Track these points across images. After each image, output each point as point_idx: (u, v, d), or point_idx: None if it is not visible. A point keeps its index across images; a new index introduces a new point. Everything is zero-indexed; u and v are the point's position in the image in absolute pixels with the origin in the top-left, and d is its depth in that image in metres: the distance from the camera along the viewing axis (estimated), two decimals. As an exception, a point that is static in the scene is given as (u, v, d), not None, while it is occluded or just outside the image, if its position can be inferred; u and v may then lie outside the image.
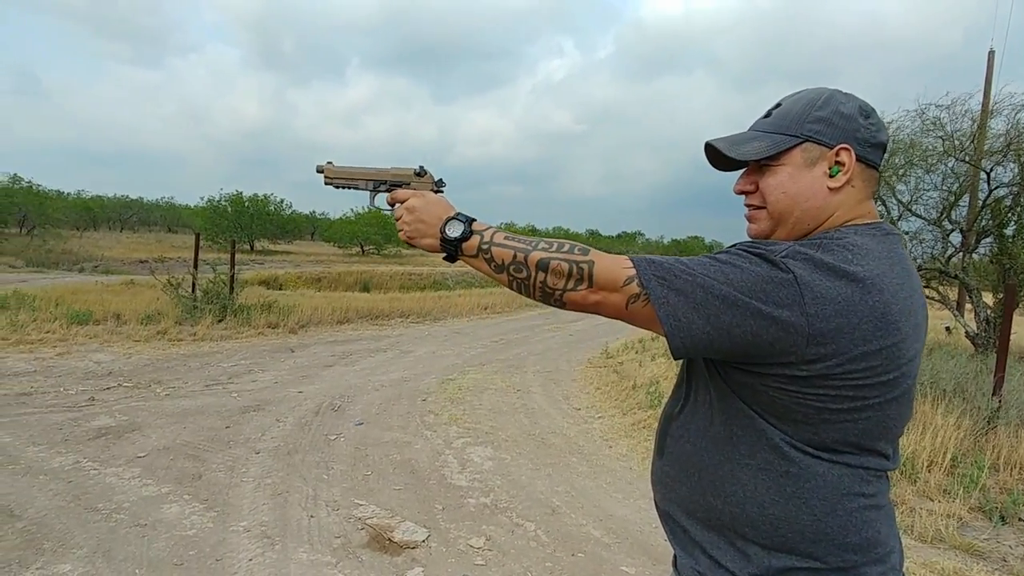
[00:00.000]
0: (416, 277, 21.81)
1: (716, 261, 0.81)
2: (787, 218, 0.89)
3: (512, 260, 0.89)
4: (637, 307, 0.83)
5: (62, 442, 3.78)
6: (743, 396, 0.85)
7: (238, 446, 3.93)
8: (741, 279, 0.78)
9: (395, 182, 1.10)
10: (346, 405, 5.09)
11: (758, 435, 0.84)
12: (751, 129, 0.95)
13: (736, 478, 0.86)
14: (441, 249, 0.97)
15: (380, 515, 3.07)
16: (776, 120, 0.91)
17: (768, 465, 0.83)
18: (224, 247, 22.72)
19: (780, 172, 0.89)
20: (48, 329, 7.02)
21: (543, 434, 4.67)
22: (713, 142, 0.94)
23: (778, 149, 0.88)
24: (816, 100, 0.89)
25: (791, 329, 0.75)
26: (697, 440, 0.91)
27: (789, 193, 0.88)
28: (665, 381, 6.24)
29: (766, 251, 0.80)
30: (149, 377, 5.59)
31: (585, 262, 0.85)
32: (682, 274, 0.80)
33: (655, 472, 1.02)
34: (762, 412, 0.83)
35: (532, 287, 0.89)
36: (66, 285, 11.11)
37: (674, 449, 0.96)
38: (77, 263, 18.78)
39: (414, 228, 1.01)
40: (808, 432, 0.81)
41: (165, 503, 3.05)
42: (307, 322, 9.11)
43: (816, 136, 0.87)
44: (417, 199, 1.03)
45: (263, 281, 15.91)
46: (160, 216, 47.45)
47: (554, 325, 11.44)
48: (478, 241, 0.94)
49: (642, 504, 3.47)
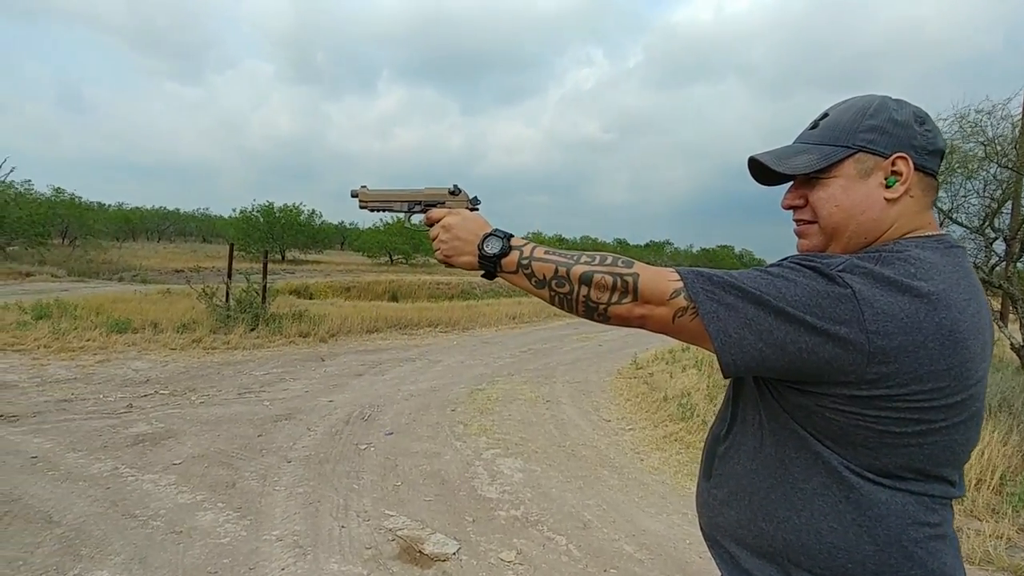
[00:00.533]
0: (444, 287, 21.91)
1: (768, 274, 0.77)
2: (841, 232, 0.85)
3: (554, 275, 0.87)
4: (684, 321, 0.80)
5: (101, 448, 3.86)
6: (796, 417, 0.80)
7: (270, 454, 3.96)
8: (795, 294, 0.74)
9: (430, 202, 1.09)
10: (376, 415, 5.11)
11: (813, 458, 0.79)
12: (797, 141, 0.92)
13: (790, 503, 0.81)
14: (479, 266, 0.96)
15: (410, 526, 3.06)
16: (824, 131, 0.87)
17: (825, 490, 0.79)
18: (256, 257, 23.18)
19: (832, 185, 0.85)
20: (89, 337, 7.22)
21: (573, 446, 4.61)
22: (758, 156, 0.91)
23: (829, 161, 0.84)
24: (867, 108, 0.85)
25: (850, 347, 0.71)
26: (746, 462, 0.87)
27: (843, 206, 0.84)
28: (697, 393, 6.13)
29: (821, 264, 0.76)
30: (184, 385, 5.69)
31: (629, 275, 0.82)
32: (732, 287, 0.77)
33: (701, 495, 0.98)
34: (817, 435, 0.79)
35: (575, 302, 0.86)
36: (106, 294, 11.43)
37: (722, 471, 0.92)
38: (116, 273, 19.34)
39: (451, 246, 0.99)
40: (868, 457, 0.77)
41: (200, 510, 3.08)
42: (337, 331, 9.21)
43: (870, 146, 0.83)
44: (453, 217, 1.01)
45: (294, 290, 16.15)
46: (195, 227, 48.72)
47: (583, 335, 11.36)
48: (517, 257, 0.91)
49: (675, 520, 3.39)
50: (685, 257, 70.05)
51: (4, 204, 18.03)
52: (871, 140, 0.83)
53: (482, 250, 0.94)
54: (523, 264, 0.90)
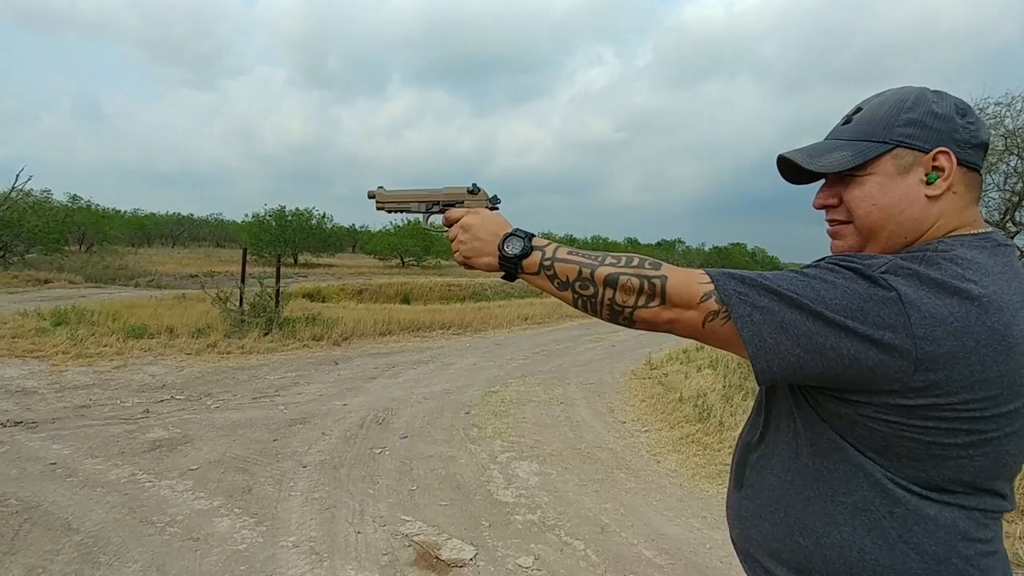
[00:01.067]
0: (456, 288, 21.92)
1: (804, 276, 0.73)
2: (879, 232, 0.81)
3: (577, 276, 0.84)
4: (715, 326, 0.76)
5: (119, 454, 3.88)
6: (836, 427, 0.76)
7: (286, 459, 3.96)
8: (835, 296, 0.70)
9: (448, 202, 1.06)
10: (390, 418, 5.10)
11: (855, 470, 0.75)
12: (830, 137, 0.87)
13: (830, 517, 0.77)
14: (500, 268, 0.93)
15: (427, 532, 3.04)
16: (859, 126, 0.83)
17: (868, 504, 0.74)
18: (269, 261, 23.34)
19: (868, 183, 0.81)
20: (106, 343, 7.28)
21: (589, 448, 4.57)
22: (788, 155, 0.87)
23: (865, 158, 0.80)
24: (904, 101, 0.80)
25: (895, 353, 0.67)
26: (781, 473, 0.83)
27: (880, 205, 0.80)
28: (713, 393, 6.06)
29: (862, 266, 0.72)
30: (200, 390, 5.72)
31: (657, 277, 0.79)
32: (766, 290, 0.73)
33: (732, 506, 0.94)
34: (859, 445, 0.74)
35: (599, 305, 0.83)
36: (122, 300, 11.54)
37: (755, 482, 0.88)
38: (132, 278, 19.54)
39: (470, 247, 0.96)
40: (914, 469, 0.72)
41: (216, 516, 3.08)
42: (350, 334, 9.23)
43: (909, 140, 0.78)
44: (472, 216, 0.98)
45: (307, 294, 16.23)
46: (209, 232, 49.22)
47: (595, 336, 11.30)
48: (539, 257, 0.88)
49: (695, 523, 3.34)
50: (697, 255, 69.63)
51: (22, 212, 18.29)
52: (910, 134, 0.78)
53: (502, 251, 0.91)
54: (545, 265, 0.87)
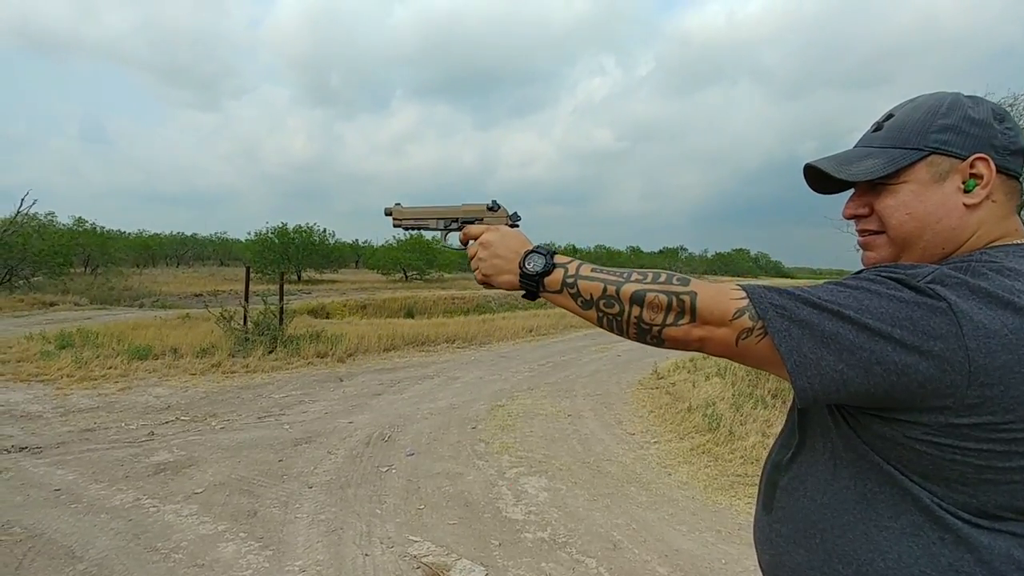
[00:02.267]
0: (460, 301, 21.90)
1: (845, 287, 0.70)
2: (914, 243, 0.77)
3: (602, 294, 0.80)
4: (750, 343, 0.72)
5: (123, 479, 3.84)
6: (879, 449, 0.71)
7: (291, 480, 3.92)
8: (880, 307, 0.66)
9: (467, 219, 1.04)
10: (396, 435, 5.05)
11: (901, 494, 0.70)
12: (860, 145, 0.84)
13: (873, 544, 0.72)
14: (521, 286, 0.89)
15: (436, 552, 2.98)
16: (891, 133, 0.80)
17: (916, 530, 0.69)
18: (272, 278, 23.38)
19: (902, 191, 0.77)
20: (110, 365, 7.26)
21: (598, 462, 4.51)
22: (817, 163, 0.84)
23: (898, 165, 0.77)
24: (938, 107, 0.77)
25: (947, 366, 0.63)
26: (816, 496, 0.78)
27: (916, 214, 0.76)
28: (722, 402, 6.00)
29: (907, 275, 0.68)
30: (205, 410, 5.68)
31: (686, 293, 0.75)
32: (805, 301, 0.69)
33: (761, 530, 0.89)
34: (904, 469, 0.70)
35: (625, 323, 0.79)
36: (127, 321, 11.55)
37: (787, 505, 0.83)
38: (137, 299, 19.59)
39: (490, 265, 0.93)
40: (964, 495, 0.67)
41: (221, 541, 3.03)
42: (355, 351, 9.19)
43: (944, 147, 0.75)
44: (491, 233, 0.95)
45: (310, 310, 16.22)
46: (213, 251, 49.41)
47: (601, 346, 11.23)
48: (562, 275, 0.85)
49: (708, 538, 3.27)
50: (700, 263, 69.53)
51: (28, 236, 18.38)
52: (946, 141, 0.75)
53: (523, 268, 0.88)
54: (568, 283, 0.84)
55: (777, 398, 6.09)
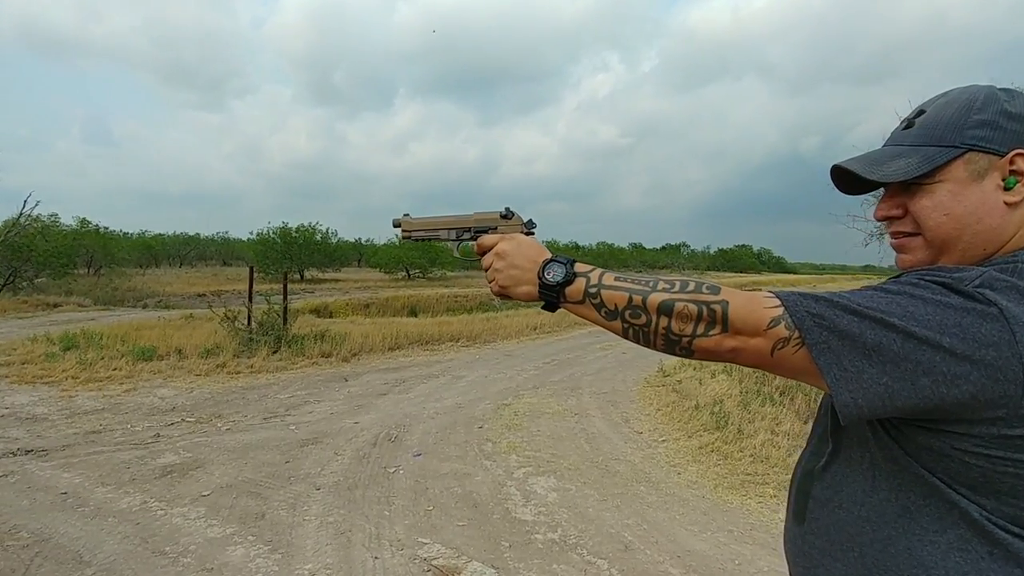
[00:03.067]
0: (462, 299, 21.89)
1: (886, 292, 0.66)
2: (953, 244, 0.74)
3: (627, 304, 0.76)
4: (786, 354, 0.68)
5: (130, 481, 3.82)
6: (924, 461, 0.68)
7: (299, 482, 3.89)
8: (927, 313, 0.62)
9: (480, 228, 1.00)
10: (403, 435, 5.03)
11: (947, 507, 0.67)
12: (889, 143, 0.80)
13: (916, 559, 0.68)
14: (540, 297, 0.85)
15: (446, 555, 2.96)
16: (924, 130, 0.76)
17: (964, 544, 0.66)
18: (275, 278, 23.37)
19: (938, 191, 0.74)
20: (115, 366, 7.24)
21: (606, 461, 4.48)
22: (845, 164, 0.80)
23: (933, 164, 0.73)
24: (973, 102, 0.74)
25: (1000, 375, 0.59)
26: (854, 508, 0.75)
27: (954, 215, 0.73)
28: (729, 400, 5.96)
29: (952, 279, 0.65)
30: (210, 411, 5.66)
31: (717, 302, 0.71)
32: (844, 309, 0.65)
33: (793, 541, 0.86)
34: (950, 481, 0.66)
35: (653, 335, 0.75)
36: (131, 322, 11.54)
37: (821, 516, 0.79)
38: (140, 300, 19.61)
39: (507, 276, 0.89)
40: (1014, 508, 0.64)
41: (230, 545, 3.01)
42: (359, 350, 9.17)
43: (982, 144, 0.71)
44: (507, 243, 0.91)
45: (314, 310, 16.21)
46: (215, 251, 49.46)
47: (605, 344, 11.20)
48: (584, 284, 0.81)
49: (720, 538, 3.24)
50: (703, 259, 69.43)
51: (31, 237, 18.38)
52: (983, 137, 0.71)
53: (543, 279, 0.84)
54: (591, 293, 0.80)
55: (785, 395, 6.05)
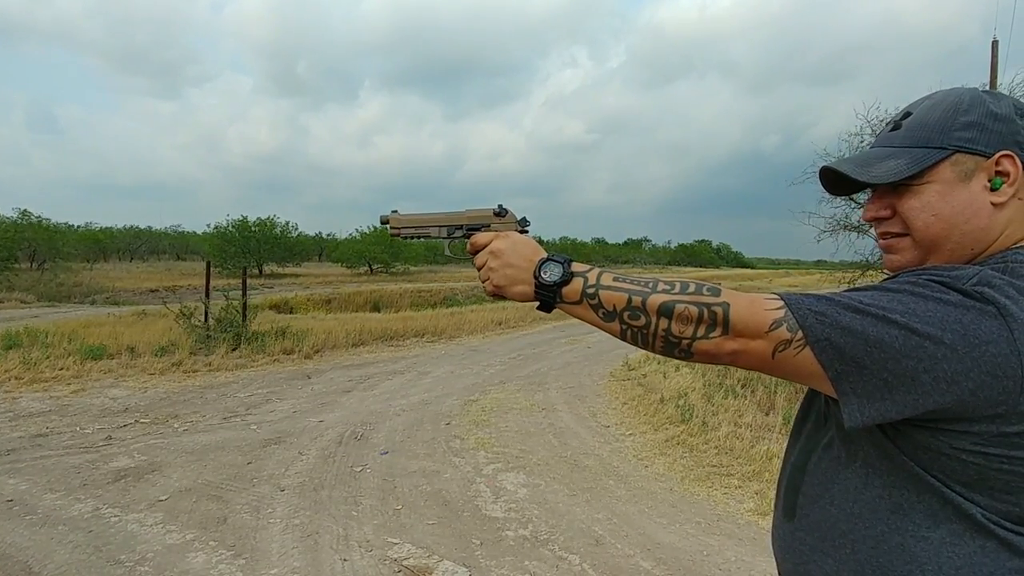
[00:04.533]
0: (426, 294, 21.72)
1: (887, 291, 0.66)
2: (942, 245, 0.74)
3: (627, 305, 0.75)
4: (787, 356, 0.68)
5: (80, 487, 3.65)
6: (920, 460, 0.68)
7: (262, 483, 3.78)
8: (927, 310, 0.62)
9: (473, 225, 0.97)
10: (369, 433, 4.94)
11: (940, 504, 0.68)
12: (877, 145, 0.81)
13: (910, 555, 0.69)
14: (536, 297, 0.83)
15: (416, 555, 2.91)
16: (911, 132, 0.77)
17: (956, 539, 0.67)
18: (233, 273, 22.72)
19: (926, 192, 0.74)
20: (62, 366, 6.91)
21: (575, 456, 4.49)
22: (835, 165, 0.80)
23: (922, 165, 0.74)
24: (959, 103, 0.74)
25: (1000, 372, 0.60)
26: (845, 504, 0.74)
27: (942, 215, 0.73)
28: (693, 393, 6.06)
29: (949, 278, 0.65)
30: (166, 412, 5.46)
31: (718, 304, 0.70)
32: (846, 307, 0.65)
33: (782, 537, 0.85)
34: (945, 479, 0.67)
35: (652, 337, 0.74)
36: (78, 319, 11.05)
37: (811, 512, 0.79)
38: (88, 295, 18.80)
39: (502, 275, 0.86)
40: (1006, 504, 0.65)
41: (190, 551, 2.90)
42: (322, 347, 8.99)
43: (968, 145, 0.72)
44: (502, 241, 0.88)
45: (273, 305, 15.84)
46: (168, 244, 47.81)
47: (570, 338, 11.27)
48: (581, 285, 0.79)
49: (689, 529, 3.29)
50: (664, 253, 70.62)
51: (-34, 230, 17.42)
52: (969, 138, 0.72)
53: (539, 278, 0.82)
54: (588, 293, 0.78)
55: (746, 388, 6.19)
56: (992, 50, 10.74)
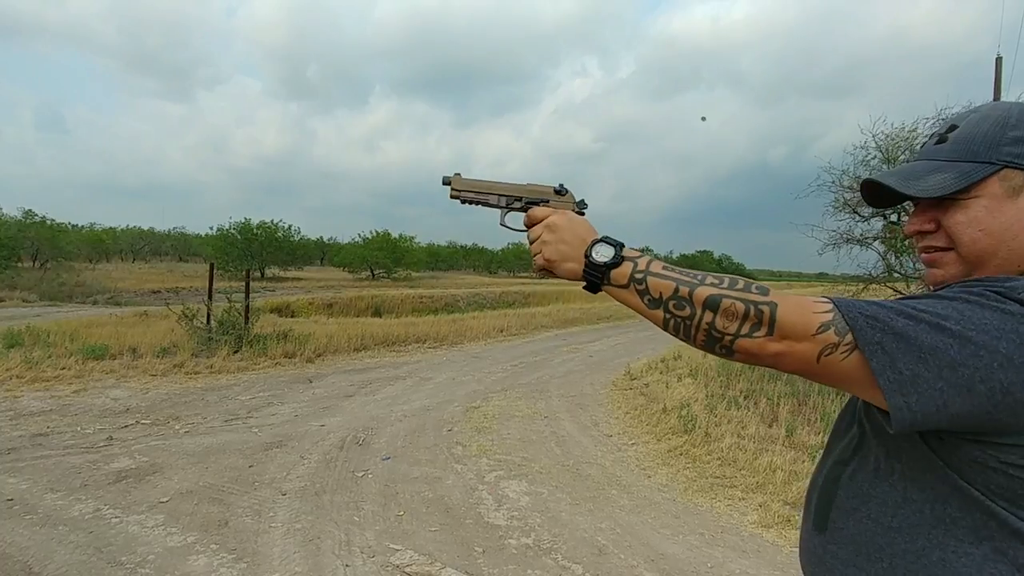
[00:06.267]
0: (427, 300, 21.69)
1: (941, 298, 0.65)
2: (988, 260, 0.73)
3: (673, 294, 0.74)
4: (833, 360, 0.67)
5: (81, 487, 3.63)
6: (965, 473, 0.67)
7: (263, 487, 3.76)
8: (983, 318, 0.61)
9: (531, 199, 0.97)
10: (370, 438, 4.93)
11: (985, 519, 0.66)
12: (922, 158, 0.80)
13: (952, 570, 0.68)
14: (584, 277, 0.83)
15: (419, 561, 2.89)
16: (957, 145, 0.76)
17: (1000, 556, 0.66)
18: (234, 275, 22.73)
19: (973, 207, 0.73)
20: (63, 365, 6.91)
21: (577, 464, 4.47)
22: (879, 178, 0.80)
23: (969, 180, 0.73)
24: (1007, 118, 0.74)
25: None
26: (883, 518, 0.73)
27: (990, 230, 0.72)
28: (696, 403, 6.04)
29: (1005, 288, 0.64)
30: (167, 413, 5.44)
31: (766, 303, 0.69)
32: (899, 312, 0.64)
33: (812, 550, 0.84)
34: (990, 494, 0.66)
35: (694, 328, 0.73)
36: (80, 318, 11.05)
37: (845, 526, 0.78)
38: (90, 295, 18.81)
39: (555, 249, 0.86)
40: None
41: (192, 554, 2.88)
42: (323, 351, 8.97)
43: (1017, 160, 0.72)
44: (559, 216, 0.89)
45: (275, 308, 15.82)
46: (171, 246, 47.88)
47: (572, 346, 11.25)
48: (630, 269, 0.78)
49: (692, 541, 3.26)
50: (664, 262, 70.50)
51: (-30, 228, 17.46)
52: (1018, 153, 0.72)
53: (590, 257, 0.81)
54: (637, 279, 0.78)
55: (749, 399, 6.17)
56: (996, 66, 10.78)
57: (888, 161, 7.84)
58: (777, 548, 3.23)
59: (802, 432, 5.02)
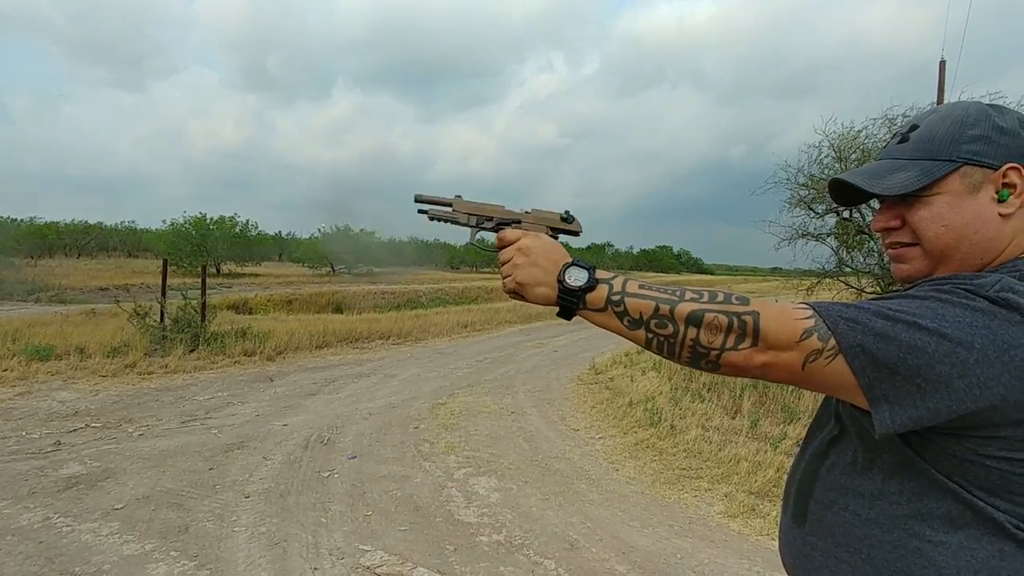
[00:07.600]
0: (389, 296, 21.43)
1: (913, 298, 0.67)
2: (951, 255, 0.76)
3: (654, 313, 0.73)
4: (818, 366, 0.67)
5: (28, 495, 3.45)
6: (940, 465, 0.69)
7: (225, 490, 3.64)
8: (956, 315, 0.63)
9: (504, 220, 0.94)
10: (335, 437, 4.83)
11: (960, 509, 0.68)
12: (886, 157, 0.82)
13: (928, 559, 0.69)
14: (557, 302, 0.81)
15: (390, 562, 2.85)
16: (919, 144, 0.78)
17: (975, 543, 0.68)
18: (188, 271, 22.01)
19: (936, 203, 0.76)
20: (5, 367, 6.55)
21: (546, 459, 4.48)
22: (845, 177, 0.82)
23: (932, 177, 0.75)
24: (965, 117, 0.76)
25: None
26: (861, 510, 0.75)
27: (952, 226, 0.75)
28: (660, 396, 6.13)
29: (974, 286, 0.66)
30: (119, 415, 5.22)
31: (748, 313, 0.69)
32: (877, 314, 0.65)
33: (792, 542, 0.85)
34: (967, 485, 0.68)
35: (679, 346, 0.73)
36: (22, 317, 10.51)
37: (823, 518, 0.79)
38: (32, 293, 17.91)
39: (527, 273, 0.84)
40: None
41: (150, 562, 2.76)
42: (284, 348, 8.76)
43: (976, 158, 0.74)
44: (532, 239, 0.86)
45: (232, 305, 15.37)
46: (119, 241, 45.94)
47: (536, 341, 11.29)
48: (607, 292, 0.77)
49: (661, 532, 3.31)
50: (626, 258, 71.62)
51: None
52: (977, 151, 0.74)
53: (563, 282, 0.79)
54: (614, 300, 0.76)
55: (712, 391, 6.29)
56: (940, 70, 11.25)
57: (841, 160, 8.08)
58: (743, 537, 3.30)
59: (765, 423, 5.15)
